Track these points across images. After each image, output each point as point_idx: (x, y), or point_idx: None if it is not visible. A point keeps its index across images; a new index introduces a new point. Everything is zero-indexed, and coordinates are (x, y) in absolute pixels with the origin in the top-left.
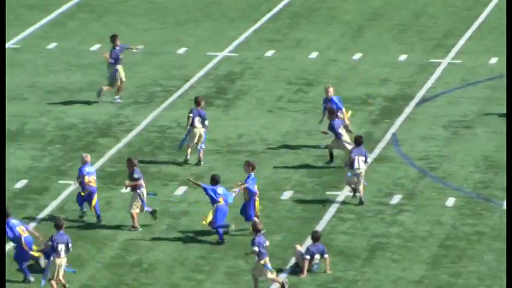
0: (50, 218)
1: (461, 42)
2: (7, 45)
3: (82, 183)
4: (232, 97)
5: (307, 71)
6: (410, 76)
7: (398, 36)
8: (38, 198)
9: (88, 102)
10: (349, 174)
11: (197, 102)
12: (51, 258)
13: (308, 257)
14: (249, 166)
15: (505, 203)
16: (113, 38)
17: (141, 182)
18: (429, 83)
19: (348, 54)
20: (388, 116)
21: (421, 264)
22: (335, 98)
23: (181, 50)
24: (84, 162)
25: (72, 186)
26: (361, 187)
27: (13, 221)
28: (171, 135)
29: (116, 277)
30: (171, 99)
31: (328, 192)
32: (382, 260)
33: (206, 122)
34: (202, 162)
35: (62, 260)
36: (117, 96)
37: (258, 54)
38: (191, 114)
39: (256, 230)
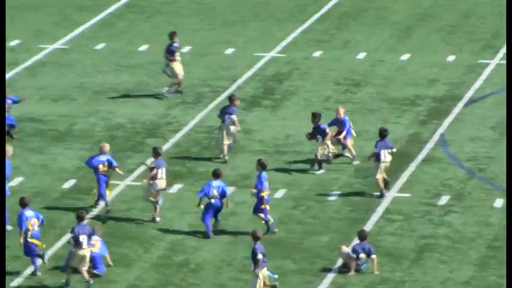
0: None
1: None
2: (56, 45)
3: (97, 172)
4: (279, 98)
5: (355, 72)
6: (458, 77)
7: (447, 37)
8: (85, 198)
9: (136, 103)
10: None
11: (231, 100)
12: (73, 249)
13: (354, 255)
14: (261, 165)
15: None
16: (172, 35)
17: (156, 172)
18: (477, 84)
19: (396, 55)
20: (436, 116)
21: (469, 265)
22: (346, 120)
23: (229, 51)
24: (101, 152)
25: (120, 187)
26: (380, 179)
27: (27, 213)
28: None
29: (163, 277)
30: (218, 99)
31: (375, 193)
32: (430, 261)
33: (232, 117)
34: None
35: (85, 251)
36: (166, 88)
37: (305, 55)
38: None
39: (255, 238)
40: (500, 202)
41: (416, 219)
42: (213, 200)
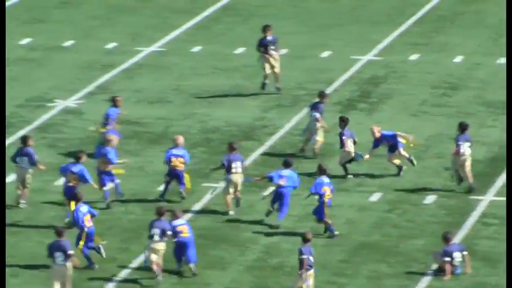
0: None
1: None
2: (153, 48)
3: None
4: (376, 101)
5: (451, 75)
6: None
7: None
8: (181, 201)
9: (232, 105)
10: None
11: (322, 96)
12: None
13: (448, 258)
14: (318, 169)
15: None
16: (265, 28)
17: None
18: None
19: (493, 58)
20: None
21: None
22: (386, 135)
23: (326, 54)
24: (176, 145)
25: (215, 190)
26: (468, 173)
27: (82, 208)
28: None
29: (258, 280)
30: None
31: (472, 197)
32: None
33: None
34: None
35: (156, 245)
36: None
37: (402, 58)
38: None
39: (304, 240)
40: None
41: None
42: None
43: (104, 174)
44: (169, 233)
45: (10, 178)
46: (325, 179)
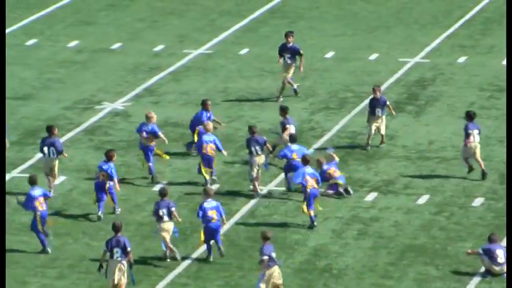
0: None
1: None
2: (200, 50)
3: (200, 152)
4: (423, 103)
5: (499, 77)
6: None
7: None
8: (229, 203)
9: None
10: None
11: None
12: (158, 225)
13: (486, 257)
14: (302, 160)
15: None
16: (286, 34)
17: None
18: None
19: None
20: None
21: None
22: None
23: (373, 56)
24: (206, 131)
25: (259, 195)
26: (480, 159)
27: (35, 192)
28: (362, 141)
29: (305, 282)
30: (362, 105)
31: None
32: None
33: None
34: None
35: (165, 225)
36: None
37: (449, 60)
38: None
39: (264, 238)
40: None
41: None
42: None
43: (147, 149)
44: (173, 209)
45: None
46: (308, 169)
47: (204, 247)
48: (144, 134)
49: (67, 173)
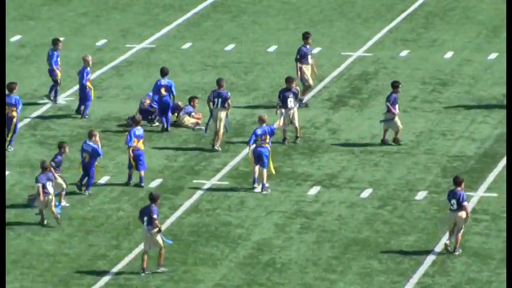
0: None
1: None
2: (143, 45)
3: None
4: (366, 97)
5: (441, 71)
6: None
7: None
8: (172, 197)
9: None
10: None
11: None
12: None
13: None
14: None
15: None
16: (305, 36)
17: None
18: None
19: (483, 55)
20: None
21: None
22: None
23: (316, 50)
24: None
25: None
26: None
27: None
28: (305, 135)
29: (248, 277)
30: (306, 98)
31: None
32: None
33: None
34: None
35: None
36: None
37: (392, 54)
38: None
39: (152, 199)
40: None
41: (504, 219)
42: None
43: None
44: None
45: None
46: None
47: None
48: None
49: (10, 168)
